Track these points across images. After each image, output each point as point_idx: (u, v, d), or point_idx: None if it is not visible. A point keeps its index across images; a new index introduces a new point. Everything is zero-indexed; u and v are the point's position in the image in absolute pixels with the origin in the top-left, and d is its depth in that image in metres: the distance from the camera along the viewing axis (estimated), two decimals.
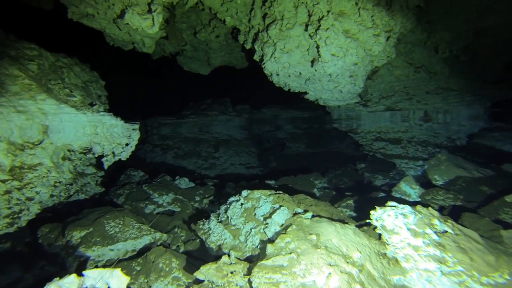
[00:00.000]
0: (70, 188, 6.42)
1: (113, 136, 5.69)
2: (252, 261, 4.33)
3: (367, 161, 11.01)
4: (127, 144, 5.95)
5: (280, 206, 4.89)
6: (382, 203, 6.07)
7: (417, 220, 3.50)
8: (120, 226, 5.72)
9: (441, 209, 5.49)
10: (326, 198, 8.35)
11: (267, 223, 4.71)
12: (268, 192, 5.39)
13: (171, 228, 6.82)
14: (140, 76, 16.07)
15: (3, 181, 4.36)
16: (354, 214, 6.34)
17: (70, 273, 5.37)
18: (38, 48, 6.18)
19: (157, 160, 15.07)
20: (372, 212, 4.26)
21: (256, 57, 7.20)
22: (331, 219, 4.72)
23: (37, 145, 4.68)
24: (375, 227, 4.15)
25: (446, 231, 3.34)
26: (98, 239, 5.44)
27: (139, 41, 7.05)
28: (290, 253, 3.86)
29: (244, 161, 16.24)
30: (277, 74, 6.93)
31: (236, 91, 17.75)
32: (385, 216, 3.83)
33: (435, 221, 3.46)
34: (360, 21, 5.49)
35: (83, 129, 5.21)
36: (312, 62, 6.26)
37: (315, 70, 6.34)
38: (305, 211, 4.75)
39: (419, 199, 6.13)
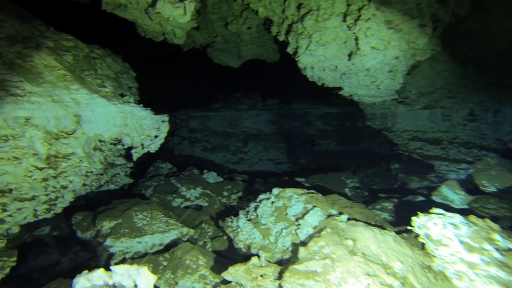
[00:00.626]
0: (101, 178, 6.50)
1: (142, 127, 5.65)
2: (283, 264, 4.11)
3: (402, 161, 10.40)
4: (156, 136, 5.90)
5: (313, 206, 4.62)
6: (421, 208, 5.62)
7: (472, 232, 3.10)
8: (148, 219, 5.70)
9: (493, 220, 4.97)
10: (359, 199, 7.95)
11: (299, 224, 4.47)
12: (300, 191, 5.13)
13: (198, 223, 6.75)
14: (169, 68, 16.20)
15: (40, 169, 4.41)
16: (390, 218, 5.94)
17: (99, 263, 5.45)
18: (74, 39, 6.25)
19: (185, 153, 15.19)
20: (414, 218, 3.89)
21: (289, 50, 6.90)
22: (367, 223, 4.39)
23: (70, 134, 4.71)
24: (417, 235, 3.78)
25: (511, 249, 2.93)
26: (126, 230, 5.44)
27: (170, 32, 6.97)
28: (325, 259, 3.61)
29: (272, 156, 16.01)
30: (312, 68, 6.60)
31: (266, 85, 17.46)
32: (431, 225, 3.46)
33: (496, 236, 3.05)
34: (405, 9, 5.03)
35: (114, 120, 5.19)
36: (349, 55, 5.88)
37: (352, 64, 5.96)
38: (340, 213, 4.45)
39: (465, 206, 5.61)
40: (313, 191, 5.18)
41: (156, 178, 8.64)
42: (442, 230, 3.21)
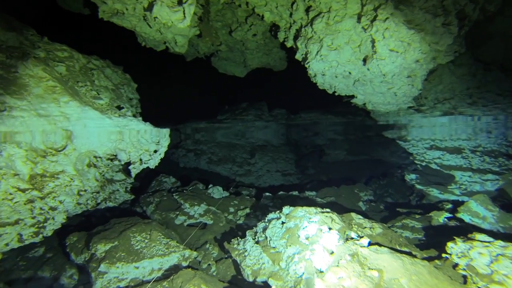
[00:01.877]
0: (98, 196, 6.06)
1: (140, 142, 5.22)
2: None
3: (418, 171, 9.77)
4: (155, 151, 5.45)
5: (329, 228, 4.08)
6: (451, 228, 5.03)
7: None
8: (146, 240, 5.21)
9: None
10: (375, 214, 7.36)
11: (313, 249, 3.92)
12: (313, 209, 4.59)
13: (202, 243, 6.24)
14: (173, 79, 15.94)
15: (23, 190, 3.98)
16: (413, 238, 5.34)
17: None
18: (69, 49, 5.92)
19: (190, 165, 14.76)
20: (450, 244, 3.33)
21: (298, 56, 6.46)
22: (392, 248, 3.83)
23: (60, 151, 4.29)
24: (456, 265, 3.22)
25: None
26: (123, 254, 4.96)
27: (171, 40, 6.61)
28: None
29: (281, 168, 15.47)
30: (323, 75, 6.13)
31: (273, 94, 17.06)
32: (475, 255, 2.89)
33: None
34: (427, 7, 4.55)
35: (108, 135, 4.77)
36: (364, 60, 5.39)
37: (368, 70, 5.47)
38: (360, 237, 3.90)
39: (501, 225, 4.99)
40: (327, 210, 4.64)
41: (158, 194, 8.18)
42: (491, 262, 2.64)
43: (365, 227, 4.34)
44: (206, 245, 6.06)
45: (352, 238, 3.89)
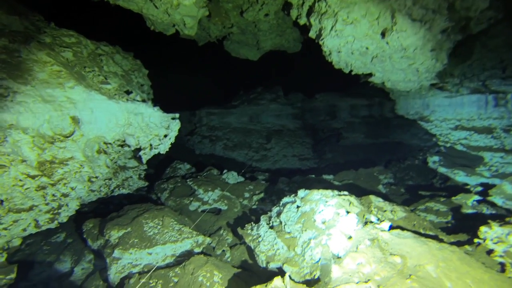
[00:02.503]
0: (111, 182, 6.03)
1: (149, 126, 5.09)
2: (311, 284, 3.37)
3: (441, 153, 9.26)
4: (165, 136, 5.31)
5: (347, 211, 3.83)
6: (482, 212, 4.67)
7: None
8: (159, 227, 5.14)
9: None
10: (396, 198, 7.02)
11: (330, 234, 3.70)
12: (330, 192, 4.35)
13: (216, 229, 6.14)
14: (186, 65, 15.76)
15: (33, 177, 3.93)
16: (438, 222, 5.01)
17: (108, 278, 4.95)
18: (77, 35, 5.81)
19: (206, 152, 14.71)
20: (484, 229, 3.02)
21: (311, 34, 6.09)
22: (416, 232, 3.55)
23: (68, 137, 4.20)
24: (491, 251, 2.92)
25: None
26: (136, 240, 4.91)
27: (179, 22, 6.37)
28: (366, 281, 2.84)
29: (297, 152, 15.20)
30: (338, 52, 5.76)
31: (288, 77, 16.63)
32: None
33: None
34: None
35: (116, 119, 4.65)
36: (383, 34, 4.98)
37: (387, 44, 5.05)
38: (380, 221, 3.63)
39: None
40: (345, 192, 4.38)
41: (172, 180, 8.13)
42: None
43: (386, 211, 4.07)
44: (220, 231, 5.96)
45: (371, 222, 3.64)
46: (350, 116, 16.73)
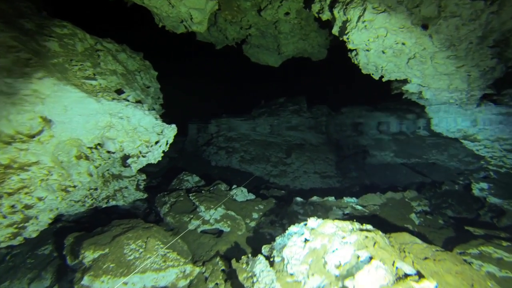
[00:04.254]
0: (97, 193, 5.32)
1: (138, 131, 4.35)
2: None
3: (491, 179, 7.86)
4: (156, 143, 4.54)
5: (370, 257, 2.81)
6: None
7: None
8: (141, 250, 4.32)
9: None
10: (433, 232, 5.78)
11: (346, 287, 2.69)
12: (348, 225, 3.34)
13: (213, 255, 5.23)
14: (205, 72, 15.26)
15: None
16: (501, 275, 3.78)
17: None
18: (72, 27, 5.27)
19: (222, 164, 13.94)
20: None
21: (335, 30, 5.18)
22: None
23: (32, 137, 3.51)
24: None
25: None
26: (112, 265, 4.10)
27: (186, 16, 5.70)
28: None
29: (319, 169, 14.07)
30: (366, 51, 4.80)
31: (312, 88, 15.69)
32: None
33: None
34: None
35: (96, 120, 3.94)
36: (426, 25, 3.98)
37: (430, 38, 4.04)
38: (420, 275, 2.58)
39: None
40: (368, 227, 3.34)
41: (175, 193, 7.35)
42: None
43: (427, 258, 2.98)
44: (217, 258, 5.04)
45: (406, 275, 2.59)
46: (379, 133, 15.44)
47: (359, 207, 6.40)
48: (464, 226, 5.41)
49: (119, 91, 4.87)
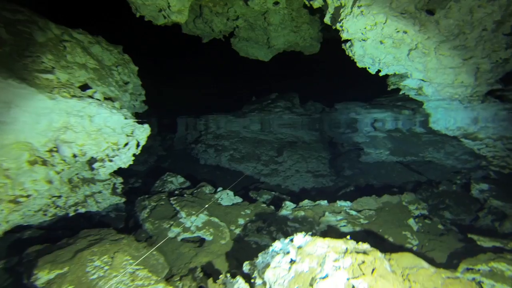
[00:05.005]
0: (64, 201, 4.76)
1: (103, 132, 3.79)
2: None
3: (491, 180, 7.47)
4: (126, 145, 4.00)
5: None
6: None
7: None
8: (106, 267, 3.79)
9: None
10: (434, 240, 5.34)
11: None
12: (342, 245, 2.85)
13: (191, 269, 4.73)
14: (193, 68, 14.65)
15: None
16: None
17: None
18: (29, 13, 4.69)
19: (211, 162, 13.40)
20: None
21: (327, 18, 4.68)
22: None
23: None
24: None
25: None
26: (69, 287, 3.57)
27: (163, 4, 5.14)
28: None
29: (312, 168, 13.61)
30: (362, 41, 4.30)
31: (305, 83, 15.18)
32: None
33: None
34: None
35: (49, 121, 3.39)
36: (432, 10, 3.48)
37: (437, 24, 3.54)
38: None
39: None
40: (366, 246, 2.86)
41: (156, 197, 6.82)
42: None
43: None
44: (196, 271, 4.54)
45: None
46: (373, 130, 15.02)
47: (353, 212, 5.93)
48: (467, 234, 4.96)
49: (85, 87, 4.30)
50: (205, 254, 5.05)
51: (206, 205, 6.01)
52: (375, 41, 4.09)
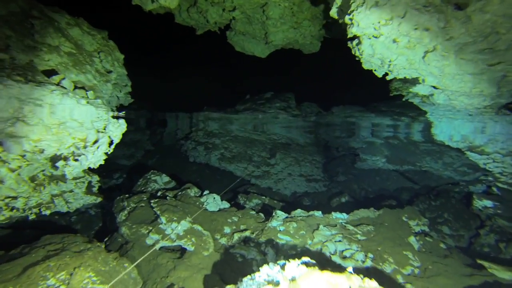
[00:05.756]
0: (16, 202, 4.14)
1: (67, 126, 3.21)
2: None
3: (495, 196, 7.06)
4: (95, 142, 3.42)
5: None
6: None
7: None
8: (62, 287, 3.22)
9: None
10: (438, 264, 4.86)
11: None
12: (343, 282, 2.33)
13: (168, 285, 4.18)
14: (187, 62, 14.02)
15: None
16: None
17: None
18: None
19: (200, 161, 12.81)
20: None
21: (333, 11, 4.17)
22: None
23: None
24: None
25: None
26: None
27: None
28: None
29: (305, 171, 13.13)
30: (374, 37, 3.78)
31: (302, 83, 14.68)
32: None
33: None
34: None
35: None
36: (461, 5, 2.98)
37: (465, 21, 3.04)
38: None
39: None
40: (374, 285, 2.35)
41: (136, 197, 6.24)
42: None
43: None
44: None
45: None
46: (371, 136, 14.63)
47: (350, 227, 5.44)
48: (476, 260, 4.51)
49: (52, 72, 3.71)
50: (184, 267, 4.50)
51: (191, 210, 5.46)
52: (389, 39, 3.59)
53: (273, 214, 5.98)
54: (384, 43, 3.75)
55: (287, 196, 11.88)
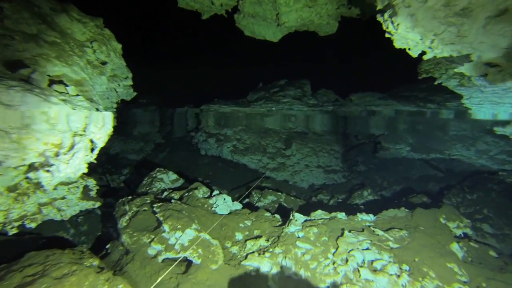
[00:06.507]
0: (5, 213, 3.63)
1: (32, 129, 2.60)
2: None
3: None
4: (71, 148, 2.81)
5: None
6: None
7: None
8: None
9: None
10: (493, 280, 4.07)
11: None
12: None
13: None
14: (195, 50, 13.29)
15: None
16: None
17: None
18: None
19: (212, 153, 12.22)
20: None
21: None
22: None
23: None
24: None
25: None
26: None
27: None
28: None
29: (323, 162, 12.34)
30: (415, 7, 2.96)
31: (318, 69, 13.73)
32: None
33: None
34: None
35: None
36: None
37: None
38: None
39: None
40: None
41: (139, 200, 5.69)
42: None
43: None
44: None
45: None
46: (393, 123, 13.60)
47: (379, 232, 4.70)
48: None
49: (20, 64, 3.09)
50: (190, 286, 3.92)
51: (197, 214, 4.84)
52: (436, 8, 2.77)
53: (291, 217, 5.30)
54: (430, 11, 2.93)
55: (304, 189, 11.17)
